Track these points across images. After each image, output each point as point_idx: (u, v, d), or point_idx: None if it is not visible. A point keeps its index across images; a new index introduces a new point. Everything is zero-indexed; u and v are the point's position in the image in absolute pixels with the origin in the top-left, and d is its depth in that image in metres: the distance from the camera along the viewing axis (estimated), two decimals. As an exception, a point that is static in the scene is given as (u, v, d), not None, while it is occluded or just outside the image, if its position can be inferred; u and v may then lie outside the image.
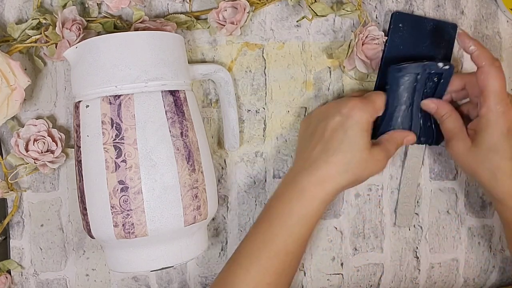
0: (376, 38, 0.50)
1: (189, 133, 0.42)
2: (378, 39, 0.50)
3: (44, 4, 0.48)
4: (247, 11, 0.47)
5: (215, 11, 0.48)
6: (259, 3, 0.49)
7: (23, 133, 0.47)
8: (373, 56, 0.50)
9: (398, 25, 0.51)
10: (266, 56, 0.52)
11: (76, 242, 0.52)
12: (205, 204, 0.43)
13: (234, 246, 0.53)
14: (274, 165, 0.53)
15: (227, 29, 0.47)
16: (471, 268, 0.57)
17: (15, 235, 0.51)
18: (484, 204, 0.56)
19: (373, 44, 0.50)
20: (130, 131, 0.40)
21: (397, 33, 0.51)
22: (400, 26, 0.51)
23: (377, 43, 0.50)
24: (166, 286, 0.53)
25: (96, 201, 0.41)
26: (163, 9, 0.50)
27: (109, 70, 0.40)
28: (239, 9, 0.47)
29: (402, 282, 0.56)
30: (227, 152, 0.53)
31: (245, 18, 0.47)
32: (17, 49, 0.46)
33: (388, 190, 0.55)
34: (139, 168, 0.40)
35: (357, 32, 0.49)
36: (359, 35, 0.49)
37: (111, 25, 0.48)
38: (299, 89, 0.53)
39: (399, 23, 0.51)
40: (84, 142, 0.41)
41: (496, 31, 0.55)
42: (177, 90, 0.43)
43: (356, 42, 0.49)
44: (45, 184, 0.51)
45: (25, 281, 0.51)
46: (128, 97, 0.40)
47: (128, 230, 0.40)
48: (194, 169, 0.42)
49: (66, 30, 0.45)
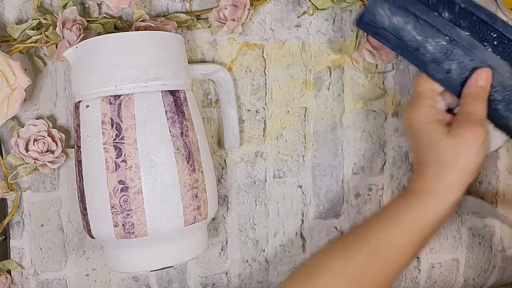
0: None
1: (189, 133, 0.42)
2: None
3: (44, 4, 0.48)
4: (247, 7, 0.47)
5: (215, 10, 0.48)
6: (260, 1, 0.49)
7: (23, 133, 0.47)
8: (379, 46, 0.51)
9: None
10: (266, 56, 0.52)
11: (76, 242, 0.51)
12: (205, 204, 0.43)
13: (234, 246, 0.53)
14: (274, 165, 0.53)
15: (229, 26, 0.47)
16: (471, 268, 0.57)
17: (15, 235, 0.51)
18: (484, 204, 0.57)
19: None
20: (130, 131, 0.40)
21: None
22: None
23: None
24: (166, 286, 0.53)
25: (96, 201, 0.41)
26: (163, 9, 0.50)
27: (109, 70, 0.40)
28: (240, 6, 0.47)
29: (402, 282, 0.56)
30: (227, 152, 0.53)
31: (246, 15, 0.47)
32: (17, 49, 0.46)
33: (388, 190, 0.55)
34: (139, 168, 0.40)
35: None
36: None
37: (111, 26, 0.48)
38: (299, 89, 0.53)
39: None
40: (84, 142, 0.41)
41: (496, 31, 0.55)
42: (177, 90, 0.43)
43: (362, 33, 0.49)
44: (45, 184, 0.51)
45: (25, 281, 0.51)
46: (128, 97, 0.40)
47: (128, 230, 0.40)
48: (194, 169, 0.42)
49: (67, 31, 0.45)
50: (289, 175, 0.53)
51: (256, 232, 0.54)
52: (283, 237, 0.54)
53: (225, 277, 0.54)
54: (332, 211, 0.55)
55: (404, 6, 0.43)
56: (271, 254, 0.54)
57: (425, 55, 0.44)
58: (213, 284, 0.54)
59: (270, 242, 0.54)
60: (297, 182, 0.54)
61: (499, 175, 0.56)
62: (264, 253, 0.54)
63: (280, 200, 0.54)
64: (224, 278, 0.54)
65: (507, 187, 0.56)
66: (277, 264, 0.54)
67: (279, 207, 0.54)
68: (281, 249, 0.54)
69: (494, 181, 0.56)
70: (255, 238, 0.54)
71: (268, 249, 0.54)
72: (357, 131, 0.54)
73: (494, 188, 0.56)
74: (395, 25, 0.44)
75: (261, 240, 0.54)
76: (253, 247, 0.54)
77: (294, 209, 0.54)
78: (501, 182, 0.56)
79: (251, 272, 0.54)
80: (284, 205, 0.54)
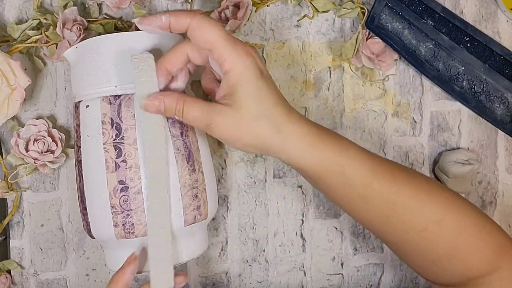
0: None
1: (189, 133, 0.42)
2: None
3: (44, 4, 0.48)
4: (249, 8, 0.47)
5: (217, 10, 0.48)
6: (261, 3, 0.49)
7: (23, 133, 0.47)
8: (378, 51, 0.51)
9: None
10: (266, 56, 0.52)
11: (76, 242, 0.52)
12: (205, 204, 0.43)
13: (234, 246, 0.53)
14: (274, 165, 0.53)
15: (230, 25, 0.47)
16: (471, 268, 0.57)
17: (15, 235, 0.51)
18: (484, 204, 0.56)
19: (376, 38, 0.50)
20: (130, 131, 0.40)
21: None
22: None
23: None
24: (166, 286, 0.53)
25: (96, 201, 0.41)
26: (163, 9, 0.50)
27: (109, 70, 0.40)
28: (241, 6, 0.47)
29: (402, 282, 0.56)
30: (227, 152, 0.53)
31: (248, 15, 0.47)
32: (17, 49, 0.46)
33: (388, 190, 0.55)
34: (139, 168, 0.40)
35: (361, 27, 0.49)
36: (362, 31, 0.49)
37: (111, 26, 0.48)
38: (299, 89, 0.53)
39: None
40: (84, 142, 0.41)
41: (496, 31, 0.55)
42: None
43: (361, 39, 0.49)
44: (45, 184, 0.51)
45: (25, 281, 0.51)
46: (128, 97, 0.40)
47: (128, 230, 0.40)
48: (194, 169, 0.42)
49: (67, 31, 0.45)
50: (289, 175, 0.53)
51: (256, 232, 0.54)
52: (283, 237, 0.54)
53: (225, 277, 0.54)
54: (332, 211, 0.55)
55: (400, 12, 0.50)
56: (271, 254, 0.54)
57: (420, 56, 0.51)
58: (213, 284, 0.54)
59: (270, 242, 0.54)
60: (297, 182, 0.54)
61: (498, 175, 0.56)
62: (264, 253, 0.54)
63: (280, 200, 0.54)
64: (224, 278, 0.54)
65: (506, 187, 0.56)
66: (277, 264, 0.54)
67: (279, 207, 0.54)
68: (281, 249, 0.54)
69: (493, 181, 0.56)
70: (255, 238, 0.54)
71: (268, 249, 0.54)
72: (357, 131, 0.54)
73: (493, 188, 0.56)
74: (396, 29, 0.51)
75: (261, 240, 0.54)
76: (253, 247, 0.54)
77: (294, 209, 0.54)
78: (500, 182, 0.56)
79: (251, 272, 0.54)
80: (284, 205, 0.54)
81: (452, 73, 0.52)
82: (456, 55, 0.51)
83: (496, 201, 0.56)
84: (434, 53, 0.51)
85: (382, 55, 0.51)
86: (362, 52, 0.50)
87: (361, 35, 0.49)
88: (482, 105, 0.52)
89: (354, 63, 0.52)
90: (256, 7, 0.49)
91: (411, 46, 0.51)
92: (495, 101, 0.52)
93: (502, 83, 0.51)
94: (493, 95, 0.52)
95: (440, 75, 0.52)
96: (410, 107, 0.54)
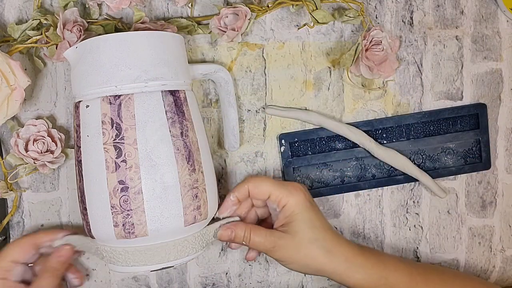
0: (380, 42, 0.49)
1: (189, 133, 0.42)
2: (382, 43, 0.49)
3: (44, 5, 0.48)
4: (248, 17, 0.47)
5: (216, 17, 0.48)
6: (261, 10, 0.49)
7: (23, 133, 0.47)
8: (378, 61, 0.50)
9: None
10: (266, 56, 0.52)
11: (76, 242, 0.51)
12: (205, 204, 0.43)
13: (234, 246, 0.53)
14: (274, 165, 0.53)
15: (228, 35, 0.47)
16: (471, 268, 0.57)
17: (15, 235, 0.51)
18: (484, 204, 0.56)
19: (377, 48, 0.49)
20: (130, 131, 0.40)
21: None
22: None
23: (380, 48, 0.49)
24: (166, 286, 0.53)
25: (96, 201, 0.41)
26: (163, 9, 0.50)
27: (109, 70, 0.40)
28: (240, 15, 0.47)
29: (402, 282, 0.56)
30: (227, 152, 0.53)
31: (246, 25, 0.47)
32: (17, 49, 0.46)
33: (388, 190, 0.55)
34: (139, 168, 0.40)
35: (361, 38, 0.48)
36: (362, 42, 0.48)
37: (112, 28, 0.48)
38: (299, 89, 0.53)
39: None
40: (84, 142, 0.41)
41: (496, 31, 0.55)
42: (177, 90, 0.43)
43: (360, 50, 0.48)
44: (45, 184, 0.51)
45: (25, 281, 0.51)
46: (128, 97, 0.40)
47: (128, 230, 0.40)
48: (194, 169, 0.42)
49: (67, 31, 0.45)
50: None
51: (256, 232, 0.54)
52: (283, 237, 0.54)
53: (225, 277, 0.54)
54: (332, 211, 0.55)
55: (309, 162, 0.52)
56: (271, 254, 0.54)
57: (351, 179, 0.54)
58: (213, 284, 0.54)
59: (270, 242, 0.54)
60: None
61: (497, 175, 0.56)
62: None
63: (280, 200, 0.54)
64: (224, 278, 0.54)
65: (506, 187, 0.56)
66: (277, 264, 0.54)
67: (279, 207, 0.54)
68: (281, 249, 0.54)
69: (493, 181, 0.56)
70: (255, 238, 0.54)
71: (268, 249, 0.54)
72: (357, 131, 0.54)
73: (493, 188, 0.56)
74: (318, 176, 0.53)
75: (261, 240, 0.54)
76: (253, 247, 0.54)
77: (294, 209, 0.54)
78: (499, 182, 0.56)
79: (251, 272, 0.54)
80: (284, 205, 0.54)
81: (383, 169, 0.54)
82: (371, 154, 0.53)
83: (496, 201, 0.56)
84: (361, 165, 0.54)
85: (382, 65, 0.50)
86: (362, 62, 0.49)
87: (360, 46, 0.48)
88: (436, 169, 0.54)
89: (353, 71, 0.51)
90: (256, 13, 0.49)
91: (338, 179, 0.54)
92: (441, 158, 0.54)
93: (435, 141, 0.54)
94: (435, 155, 0.54)
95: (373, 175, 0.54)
96: (410, 107, 0.54)
